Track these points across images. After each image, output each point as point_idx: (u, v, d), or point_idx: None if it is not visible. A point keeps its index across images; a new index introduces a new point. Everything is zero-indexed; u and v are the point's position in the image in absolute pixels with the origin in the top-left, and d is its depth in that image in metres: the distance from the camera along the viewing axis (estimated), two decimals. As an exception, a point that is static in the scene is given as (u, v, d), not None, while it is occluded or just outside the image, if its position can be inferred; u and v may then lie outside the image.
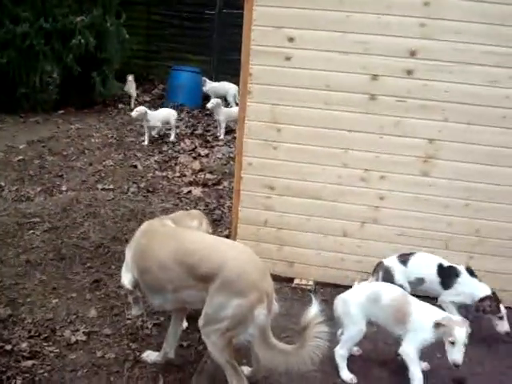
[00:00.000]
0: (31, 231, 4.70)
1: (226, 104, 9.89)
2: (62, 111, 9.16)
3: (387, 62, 3.63)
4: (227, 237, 4.54)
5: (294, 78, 3.72)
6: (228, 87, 10.42)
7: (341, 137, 3.78)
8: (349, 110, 3.72)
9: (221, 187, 6.04)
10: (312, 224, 3.99)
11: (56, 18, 8.70)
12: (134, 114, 7.54)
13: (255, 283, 2.45)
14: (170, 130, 8.03)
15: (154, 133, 7.88)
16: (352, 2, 3.55)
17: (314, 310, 2.45)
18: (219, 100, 8.60)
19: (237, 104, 9.79)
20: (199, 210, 5.26)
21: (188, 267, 2.54)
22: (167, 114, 7.94)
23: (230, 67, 11.56)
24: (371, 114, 3.72)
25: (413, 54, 3.60)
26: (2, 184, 5.75)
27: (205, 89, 10.35)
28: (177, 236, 2.75)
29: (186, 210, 5.23)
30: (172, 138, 7.86)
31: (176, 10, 11.90)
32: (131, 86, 10.13)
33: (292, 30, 3.65)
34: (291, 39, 3.66)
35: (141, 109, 7.59)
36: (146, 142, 7.60)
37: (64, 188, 5.74)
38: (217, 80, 10.96)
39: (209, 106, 8.38)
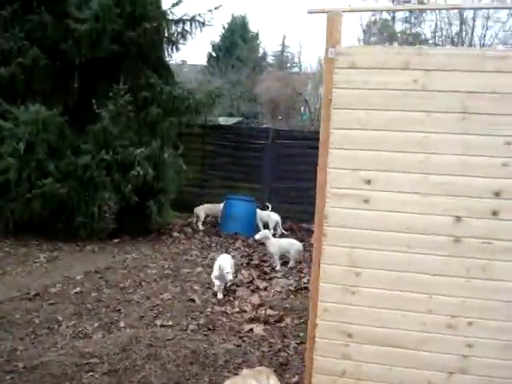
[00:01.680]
0: (90, 373, 4.49)
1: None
2: (117, 240, 9.24)
3: (470, 204, 3.47)
4: (297, 385, 4.25)
5: (373, 220, 3.59)
6: (268, 216, 10.60)
7: (424, 281, 3.56)
8: (432, 253, 3.53)
9: (283, 325, 5.76)
10: (394, 375, 3.67)
11: (116, 150, 9.03)
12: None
13: None
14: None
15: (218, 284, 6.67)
16: (431, 143, 3.48)
17: None
18: (267, 231, 8.60)
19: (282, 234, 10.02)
20: (263, 352, 5.03)
21: None
22: (224, 261, 6.95)
23: (282, 195, 11.77)
24: (456, 257, 3.51)
25: (497, 194, 3.45)
26: (60, 319, 5.63)
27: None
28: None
29: (250, 351, 5.00)
30: (219, 295, 6.63)
31: (229, 141, 12.32)
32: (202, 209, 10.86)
33: (369, 172, 3.57)
34: (368, 181, 3.57)
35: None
36: (220, 296, 6.58)
37: (122, 324, 5.57)
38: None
39: (257, 237, 8.39)
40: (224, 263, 6.71)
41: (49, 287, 6.61)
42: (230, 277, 6.61)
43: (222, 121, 20.76)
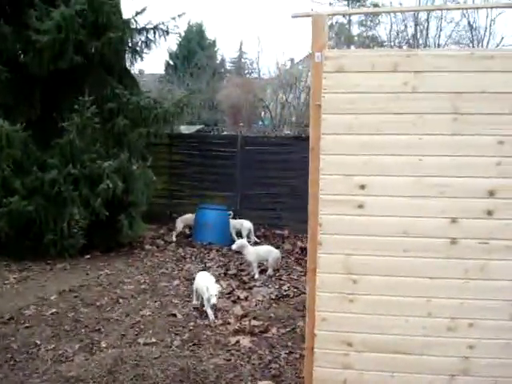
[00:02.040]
0: (77, 399, 4.30)
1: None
2: (88, 256, 8.98)
3: (466, 204, 3.45)
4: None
5: (368, 226, 3.53)
6: (241, 224, 10.55)
7: (423, 285, 3.52)
8: (429, 256, 3.50)
9: (269, 335, 5.65)
10: (396, 381, 3.61)
11: (83, 164, 8.77)
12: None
13: None
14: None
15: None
16: (424, 145, 3.45)
17: None
18: (243, 241, 8.52)
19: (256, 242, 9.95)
20: (253, 364, 4.91)
21: None
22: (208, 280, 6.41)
23: (253, 202, 11.68)
24: (453, 259, 3.49)
25: (491, 193, 3.43)
26: (38, 342, 5.38)
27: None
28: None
29: (241, 365, 4.88)
30: (211, 318, 6.06)
31: (197, 149, 12.18)
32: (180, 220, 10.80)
33: (362, 177, 3.51)
34: (362, 186, 3.51)
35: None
36: (212, 317, 6.05)
37: (104, 344, 5.36)
38: (241, 215, 10.98)
39: (233, 247, 8.30)
40: (210, 284, 6.22)
41: (23, 309, 6.33)
42: (213, 300, 6.05)
43: (184, 129, 20.52)
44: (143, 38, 9.92)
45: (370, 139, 3.49)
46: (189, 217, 10.90)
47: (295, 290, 7.28)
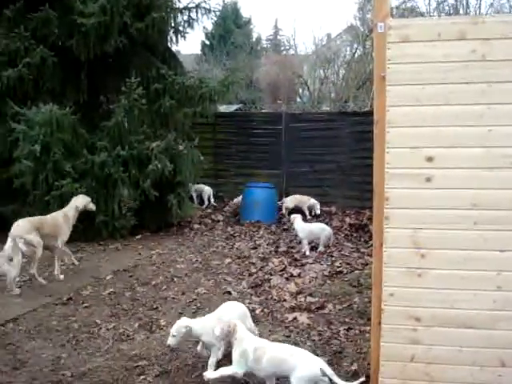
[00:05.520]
0: (142, 377, 4.33)
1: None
2: (139, 236, 9.14)
3: (538, 175, 3.34)
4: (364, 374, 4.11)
5: (437, 199, 3.44)
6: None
7: (493, 258, 3.42)
8: (500, 228, 3.39)
9: (326, 311, 5.63)
10: (465, 356, 3.54)
11: (132, 145, 8.85)
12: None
13: None
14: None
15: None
16: (494, 115, 3.33)
17: None
18: (298, 215, 8.46)
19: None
20: (313, 341, 4.91)
21: None
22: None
23: (299, 179, 11.64)
24: (525, 231, 3.39)
25: None
26: (98, 322, 5.50)
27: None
28: None
29: (301, 341, 4.88)
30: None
31: (242, 128, 12.16)
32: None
33: (430, 149, 3.42)
34: (430, 159, 3.43)
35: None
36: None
37: (163, 322, 5.43)
38: (287, 193, 10.98)
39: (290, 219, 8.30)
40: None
41: (80, 290, 6.49)
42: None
43: (223, 109, 20.50)
44: (186, 18, 9.89)
45: (437, 110, 3.39)
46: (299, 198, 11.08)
47: (348, 266, 7.25)
